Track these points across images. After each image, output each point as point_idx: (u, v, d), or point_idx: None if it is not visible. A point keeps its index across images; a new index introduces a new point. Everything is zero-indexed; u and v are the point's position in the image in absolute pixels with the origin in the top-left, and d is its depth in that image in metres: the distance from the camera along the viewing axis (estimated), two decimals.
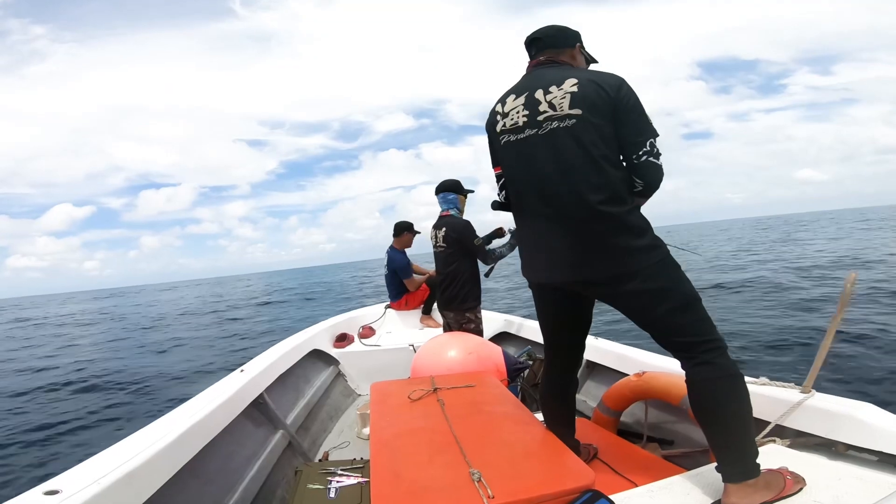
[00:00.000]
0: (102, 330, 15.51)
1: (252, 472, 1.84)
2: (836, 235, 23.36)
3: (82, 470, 1.25)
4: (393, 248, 3.94)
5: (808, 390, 1.44)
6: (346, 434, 2.69)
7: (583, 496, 1.05)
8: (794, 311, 6.58)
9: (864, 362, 4.13)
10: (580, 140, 1.16)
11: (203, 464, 1.61)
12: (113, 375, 7.07)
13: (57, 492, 1.12)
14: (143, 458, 1.33)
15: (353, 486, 1.55)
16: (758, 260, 14.56)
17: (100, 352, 10.13)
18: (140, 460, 1.31)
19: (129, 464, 1.28)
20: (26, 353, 10.75)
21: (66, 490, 1.13)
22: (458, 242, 2.84)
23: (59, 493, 1.11)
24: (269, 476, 1.93)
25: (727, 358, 1.12)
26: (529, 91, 1.25)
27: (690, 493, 1.15)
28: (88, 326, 17.12)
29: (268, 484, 1.89)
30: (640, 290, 1.15)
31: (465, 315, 2.84)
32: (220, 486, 1.67)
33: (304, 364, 3.03)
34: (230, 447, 1.83)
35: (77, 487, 1.14)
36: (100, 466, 1.26)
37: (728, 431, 1.09)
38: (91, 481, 1.17)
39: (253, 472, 1.85)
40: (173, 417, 1.66)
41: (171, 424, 1.57)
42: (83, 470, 1.25)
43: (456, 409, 1.55)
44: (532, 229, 1.32)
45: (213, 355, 8.40)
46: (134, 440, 1.45)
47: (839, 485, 1.13)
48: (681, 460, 1.67)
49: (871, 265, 10.16)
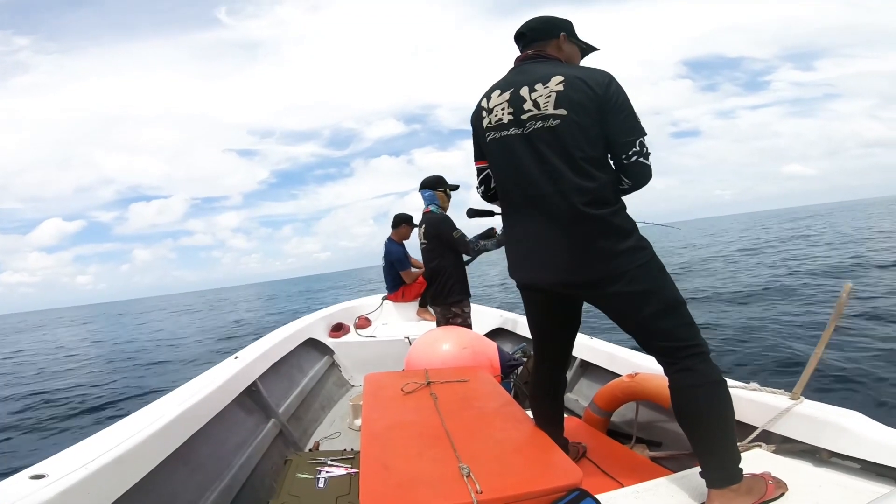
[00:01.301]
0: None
1: (241, 460, 1.85)
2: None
3: (69, 455, 1.23)
4: (391, 240, 3.92)
5: (797, 397, 1.45)
6: (337, 424, 2.70)
7: (570, 495, 1.06)
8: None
9: (859, 370, 4.13)
10: (564, 141, 1.14)
11: (193, 450, 1.61)
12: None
13: (43, 476, 1.10)
14: (131, 443, 1.32)
15: (342, 477, 1.55)
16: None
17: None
18: (128, 445, 1.30)
19: (117, 449, 1.27)
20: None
21: (53, 474, 1.11)
22: (437, 238, 2.86)
23: (46, 478, 1.10)
24: (258, 464, 1.93)
25: (709, 364, 1.11)
26: (515, 87, 1.21)
27: (675, 495, 1.16)
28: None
29: (257, 472, 1.89)
30: (623, 293, 1.13)
31: (451, 310, 2.85)
32: (209, 473, 1.67)
33: (299, 352, 3.03)
34: (221, 434, 1.83)
35: (63, 472, 1.13)
36: (87, 451, 1.24)
37: (710, 437, 1.09)
38: (78, 465, 1.16)
39: (242, 460, 1.85)
40: (164, 403, 1.66)
41: (161, 410, 1.57)
42: (70, 455, 1.23)
43: (448, 404, 1.56)
44: (517, 230, 1.30)
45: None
46: (123, 425, 1.44)
47: (820, 491, 1.14)
48: (668, 462, 1.69)
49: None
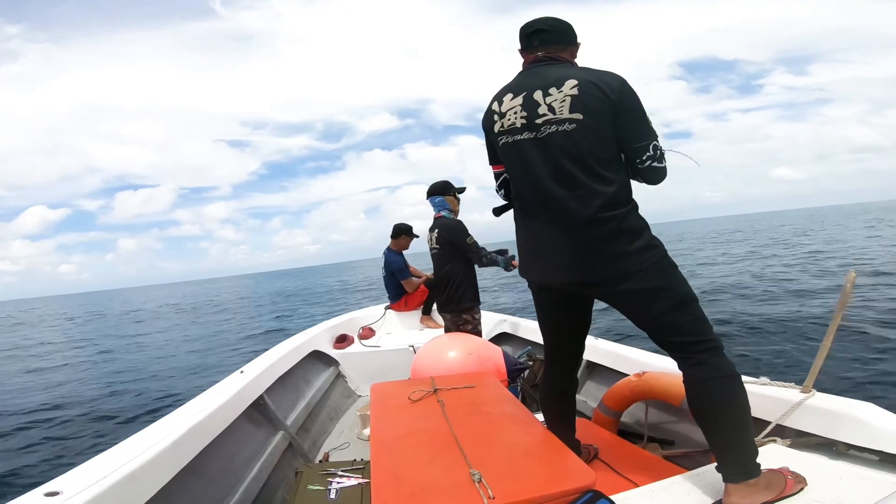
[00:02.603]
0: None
1: (252, 473, 1.84)
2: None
3: (83, 471, 1.24)
4: (390, 250, 3.95)
5: (809, 390, 1.44)
6: (346, 435, 2.68)
7: (583, 496, 1.05)
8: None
9: (866, 361, 4.11)
10: (579, 145, 1.15)
11: (204, 464, 1.61)
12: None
13: (58, 493, 1.11)
14: (143, 458, 1.32)
15: (353, 488, 1.55)
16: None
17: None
18: (141, 461, 1.31)
19: (130, 465, 1.27)
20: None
21: (67, 491, 1.12)
22: (450, 243, 2.84)
23: (60, 495, 1.10)
24: (269, 477, 1.92)
25: (722, 358, 1.12)
26: (528, 91, 1.21)
27: (691, 493, 1.15)
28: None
29: (268, 485, 1.89)
30: (635, 290, 1.15)
31: (462, 316, 2.84)
32: (221, 487, 1.67)
33: (304, 365, 3.03)
34: (231, 448, 1.83)
35: (78, 488, 1.13)
36: (101, 467, 1.25)
37: (726, 432, 1.09)
38: (92, 482, 1.17)
39: (253, 473, 1.84)
40: (173, 418, 1.66)
41: (171, 425, 1.57)
42: (84, 471, 1.24)
43: (456, 410, 1.55)
44: (531, 231, 1.31)
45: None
46: (134, 441, 1.44)
47: (840, 484, 1.13)
48: (681, 460, 1.67)
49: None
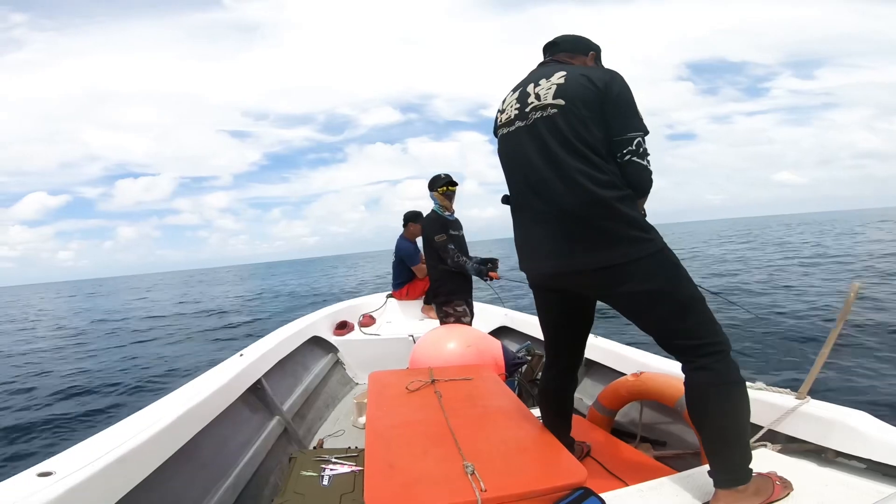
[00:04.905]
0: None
1: (246, 458, 1.86)
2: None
3: (76, 452, 1.25)
4: (402, 238, 4.01)
5: (804, 397, 1.44)
6: (341, 422, 2.70)
7: (574, 493, 1.06)
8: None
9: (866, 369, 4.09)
10: (561, 129, 1.15)
11: (198, 448, 1.62)
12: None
13: (50, 473, 1.12)
14: (137, 441, 1.33)
15: (346, 475, 1.56)
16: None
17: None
18: (134, 443, 1.31)
19: (124, 447, 1.28)
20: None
21: (60, 472, 1.13)
22: (425, 238, 2.85)
23: (53, 475, 1.11)
24: (263, 462, 1.94)
25: (728, 363, 1.08)
26: (524, 86, 1.27)
27: (679, 494, 1.15)
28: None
29: (261, 470, 1.90)
30: (637, 292, 1.11)
31: (443, 309, 2.83)
32: (214, 471, 1.68)
33: (304, 350, 3.05)
34: (226, 432, 1.84)
35: (70, 469, 1.14)
36: (94, 449, 1.26)
37: (722, 438, 1.07)
38: (85, 463, 1.18)
39: (247, 458, 1.86)
40: (169, 401, 1.67)
41: (166, 408, 1.58)
42: (77, 452, 1.25)
43: (453, 402, 1.56)
44: (523, 221, 1.32)
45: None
46: (129, 423, 1.45)
47: (826, 491, 1.14)
48: (672, 462, 1.68)
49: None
